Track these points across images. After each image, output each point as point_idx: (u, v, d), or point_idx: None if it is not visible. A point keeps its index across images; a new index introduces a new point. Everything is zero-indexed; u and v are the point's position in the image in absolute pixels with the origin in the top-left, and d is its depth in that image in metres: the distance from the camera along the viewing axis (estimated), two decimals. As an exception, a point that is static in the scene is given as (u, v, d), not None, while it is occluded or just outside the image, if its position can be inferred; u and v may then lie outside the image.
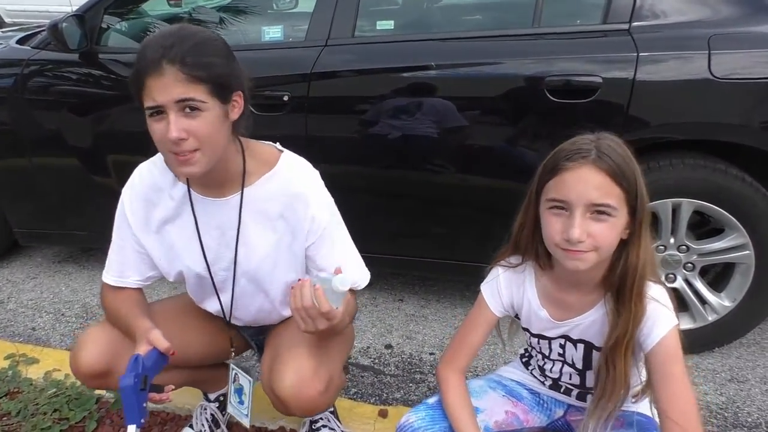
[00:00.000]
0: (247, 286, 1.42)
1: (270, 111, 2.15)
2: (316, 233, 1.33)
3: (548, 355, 1.31)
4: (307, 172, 1.35)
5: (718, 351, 2.15)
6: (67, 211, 2.61)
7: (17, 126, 2.50)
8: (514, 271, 1.27)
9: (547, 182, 1.10)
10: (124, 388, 1.17)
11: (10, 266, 2.94)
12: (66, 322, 2.45)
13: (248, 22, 2.72)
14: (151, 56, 1.11)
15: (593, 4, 2.01)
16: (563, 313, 1.23)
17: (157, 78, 1.11)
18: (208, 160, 1.19)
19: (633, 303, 1.10)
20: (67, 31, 2.25)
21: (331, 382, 1.37)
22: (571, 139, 1.11)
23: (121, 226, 1.42)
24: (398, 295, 2.60)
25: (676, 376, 1.07)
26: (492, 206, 2.09)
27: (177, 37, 1.13)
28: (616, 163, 1.04)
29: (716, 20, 1.86)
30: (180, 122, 1.13)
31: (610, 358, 1.14)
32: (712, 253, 2.00)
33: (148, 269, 1.45)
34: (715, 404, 1.90)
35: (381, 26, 2.30)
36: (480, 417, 1.31)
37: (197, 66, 1.12)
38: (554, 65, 1.92)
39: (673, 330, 1.09)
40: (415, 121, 2.06)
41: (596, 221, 1.05)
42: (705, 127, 1.88)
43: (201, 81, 1.13)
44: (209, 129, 1.16)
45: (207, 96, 1.14)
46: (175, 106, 1.12)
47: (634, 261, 1.10)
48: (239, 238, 1.35)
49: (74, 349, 1.40)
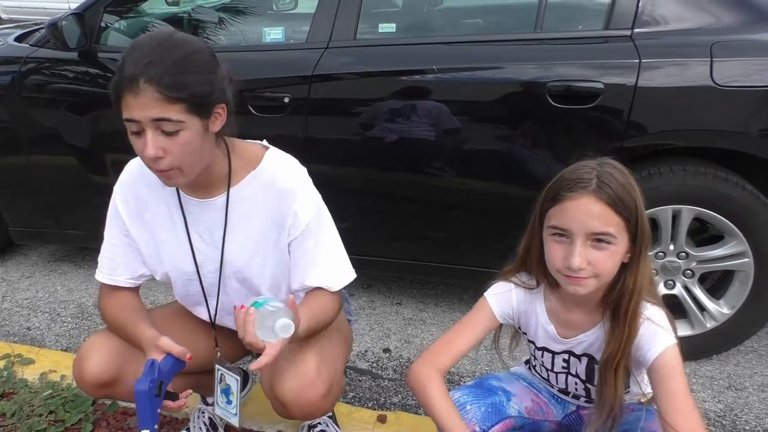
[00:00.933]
0: (238, 286, 1.41)
1: (271, 112, 2.14)
2: (298, 228, 1.32)
3: (551, 369, 1.33)
4: (292, 168, 1.34)
5: (716, 358, 2.15)
6: (63, 209, 2.60)
7: (14, 124, 2.48)
8: (528, 291, 1.29)
9: (549, 209, 1.13)
10: (139, 393, 1.16)
11: (5, 265, 2.91)
12: (61, 322, 2.44)
13: (247, 22, 2.71)
14: (130, 72, 1.09)
15: (596, 10, 2.02)
16: (568, 332, 1.25)
17: (133, 96, 1.10)
18: (188, 174, 1.20)
19: (627, 323, 1.13)
20: (66, 30, 2.24)
21: (332, 384, 1.36)
22: (573, 166, 1.13)
23: (112, 223, 1.42)
24: (396, 299, 2.59)
25: (678, 393, 1.08)
26: (492, 211, 2.09)
27: (156, 53, 1.10)
28: (616, 193, 1.06)
29: (718, 28, 1.87)
30: (157, 140, 1.13)
31: (604, 373, 1.18)
32: (712, 261, 2.00)
33: (140, 266, 1.44)
34: (713, 412, 1.90)
35: (383, 29, 2.29)
36: (513, 400, 1.34)
37: (174, 87, 1.10)
38: (556, 71, 1.92)
39: (670, 348, 1.11)
40: (416, 124, 2.05)
41: (596, 249, 1.08)
42: (706, 135, 1.88)
43: (178, 101, 1.11)
44: (186, 148, 1.15)
45: (184, 115, 1.12)
46: (151, 124, 1.11)
47: (631, 285, 1.13)
48: (226, 237, 1.35)
49: (78, 360, 1.38)
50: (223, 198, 1.32)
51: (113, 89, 1.13)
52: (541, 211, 1.16)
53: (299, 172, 1.35)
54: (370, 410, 1.88)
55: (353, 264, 1.43)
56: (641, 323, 1.13)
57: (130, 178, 1.39)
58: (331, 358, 1.39)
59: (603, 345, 1.19)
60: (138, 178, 1.38)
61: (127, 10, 2.69)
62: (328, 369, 1.35)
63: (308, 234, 1.33)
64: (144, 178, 1.37)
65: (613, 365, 1.15)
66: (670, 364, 1.10)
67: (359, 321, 2.40)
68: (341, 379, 1.45)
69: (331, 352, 1.40)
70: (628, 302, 1.13)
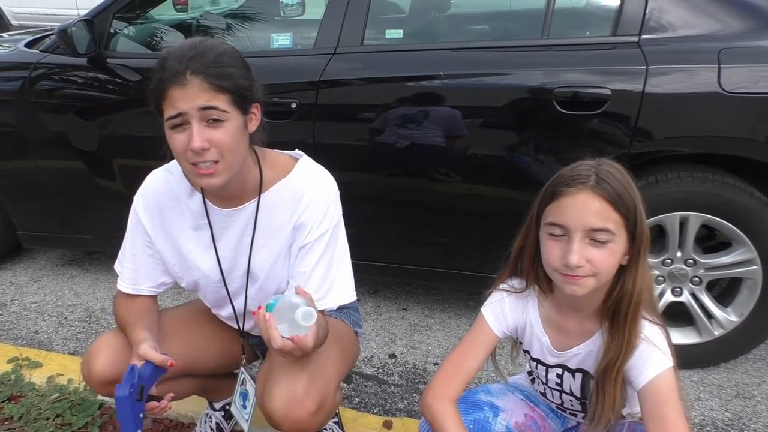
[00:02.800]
0: (261, 291, 1.41)
1: (278, 118, 2.15)
2: (311, 236, 1.31)
3: (546, 383, 1.30)
4: (321, 179, 1.35)
5: (724, 366, 2.13)
6: (71, 214, 2.61)
7: (24, 129, 2.50)
8: (518, 296, 1.27)
9: (546, 207, 1.11)
10: (120, 399, 1.16)
11: (14, 268, 2.93)
12: (69, 326, 2.45)
13: (255, 28, 2.72)
14: (174, 68, 1.12)
15: (603, 16, 2.02)
16: (564, 340, 1.22)
17: (180, 88, 1.12)
18: (228, 171, 1.20)
19: (627, 329, 1.10)
20: (76, 36, 2.25)
21: (323, 402, 1.31)
22: (571, 165, 1.12)
23: (134, 233, 1.42)
24: (402, 304, 2.59)
25: (669, 419, 1.04)
26: (498, 217, 2.09)
27: (198, 50, 1.15)
28: (615, 189, 1.04)
29: (726, 34, 1.86)
30: (203, 132, 1.14)
31: (601, 383, 1.14)
32: (719, 268, 1.99)
33: (161, 275, 1.45)
34: (720, 420, 1.88)
35: (390, 35, 2.30)
36: (501, 416, 1.29)
37: (220, 76, 1.14)
38: (563, 77, 1.92)
39: (666, 372, 1.07)
40: (423, 130, 2.06)
41: (595, 246, 1.05)
42: (714, 141, 1.87)
43: (224, 91, 1.15)
44: (231, 139, 1.17)
45: (229, 106, 1.16)
46: (198, 114, 1.13)
47: (630, 287, 1.10)
48: (253, 244, 1.35)
49: (86, 357, 1.40)
50: (251, 206, 1.33)
51: (155, 89, 1.16)
52: (538, 210, 1.14)
53: (330, 183, 1.35)
54: (375, 416, 1.88)
55: (360, 269, 1.41)
56: (640, 341, 1.10)
57: (153, 188, 1.39)
58: (324, 374, 1.34)
59: (599, 357, 1.15)
60: (161, 189, 1.38)
61: (136, 17, 2.71)
62: (319, 386, 1.29)
63: (318, 244, 1.32)
64: (168, 188, 1.38)
65: (613, 373, 1.11)
66: (664, 390, 1.06)
67: (365, 326, 2.40)
68: (335, 396, 1.40)
69: (325, 367, 1.35)
70: (627, 305, 1.10)
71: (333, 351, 1.42)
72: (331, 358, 1.40)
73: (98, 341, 1.41)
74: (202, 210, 1.35)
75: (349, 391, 2.03)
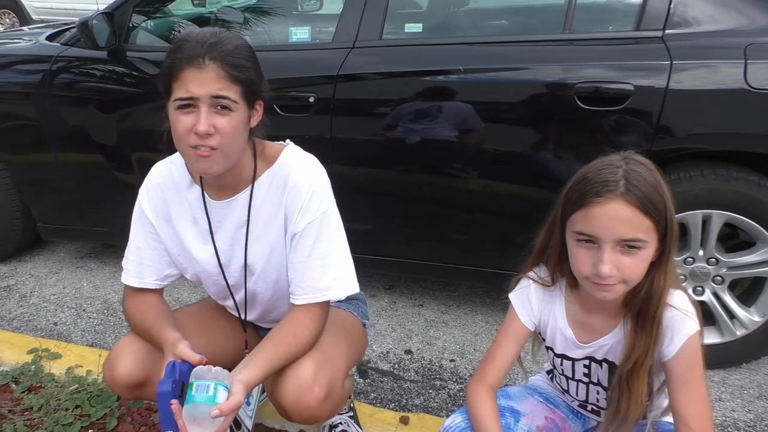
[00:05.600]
0: (259, 281, 1.41)
1: (296, 112, 2.15)
2: (299, 225, 1.30)
3: (572, 377, 1.28)
4: (307, 165, 1.33)
5: (746, 367, 2.10)
6: (90, 207, 2.63)
7: (44, 122, 2.52)
8: (546, 288, 1.25)
9: (573, 213, 1.07)
10: (162, 394, 1.17)
11: (34, 260, 2.96)
12: (87, 317, 2.47)
13: (272, 23, 2.72)
14: (193, 50, 1.14)
15: (626, 11, 1.99)
16: (588, 336, 1.21)
17: (196, 71, 1.13)
18: (225, 160, 1.21)
19: (655, 327, 1.09)
20: (96, 28, 2.27)
21: (332, 390, 1.32)
22: (597, 165, 1.08)
23: (138, 225, 1.43)
24: (418, 300, 2.58)
25: (694, 383, 1.07)
26: (516, 214, 2.07)
27: (218, 37, 1.17)
28: (646, 195, 1.01)
29: (753, 29, 1.82)
30: (210, 117, 1.16)
31: (627, 381, 1.12)
32: (742, 267, 1.96)
33: (166, 266, 1.45)
34: (742, 421, 1.85)
35: (409, 29, 2.28)
36: (523, 421, 1.27)
37: (237, 66, 1.16)
38: (584, 72, 1.89)
39: (694, 337, 1.08)
40: (441, 125, 2.04)
41: (625, 254, 1.04)
42: (740, 138, 1.84)
43: (238, 81, 1.16)
44: (234, 129, 1.19)
45: (239, 97, 1.18)
46: (209, 101, 1.15)
47: (660, 285, 1.08)
48: (249, 235, 1.35)
49: (109, 361, 1.40)
50: (244, 196, 1.33)
51: (167, 70, 1.16)
52: (563, 212, 1.11)
53: (315, 170, 1.33)
54: (392, 411, 1.88)
55: (376, 264, 1.41)
56: (667, 312, 1.09)
57: (157, 179, 1.40)
58: (332, 363, 1.35)
59: (624, 349, 1.14)
60: (164, 180, 1.39)
61: (155, 10, 2.72)
62: (326, 374, 1.31)
63: (307, 234, 1.30)
64: (171, 180, 1.39)
65: (640, 371, 1.10)
66: (692, 354, 1.07)
67: (380, 322, 2.40)
68: (344, 384, 1.41)
69: (333, 356, 1.37)
70: (657, 304, 1.08)
71: (341, 341, 1.44)
72: (339, 347, 1.42)
73: (119, 345, 1.41)
74: (200, 202, 1.36)
75: (365, 386, 2.02)
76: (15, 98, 2.56)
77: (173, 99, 1.17)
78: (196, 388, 1.14)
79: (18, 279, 2.78)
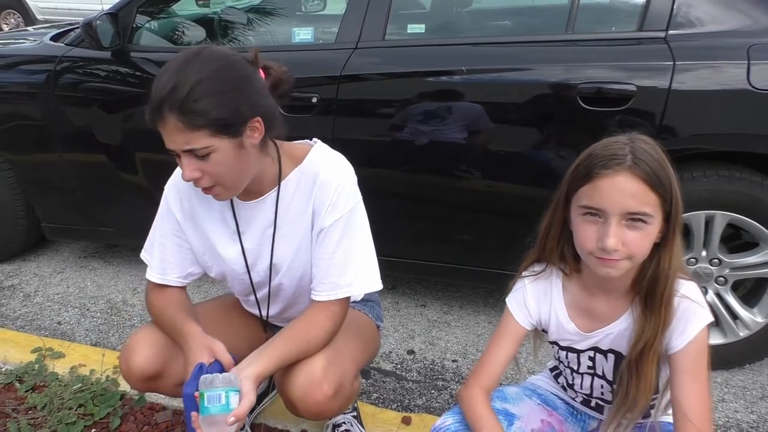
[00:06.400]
0: (284, 278, 1.41)
1: (299, 112, 2.15)
2: (326, 221, 1.30)
3: (577, 369, 1.27)
4: (336, 163, 1.33)
5: (749, 368, 2.10)
6: (94, 207, 2.64)
7: (48, 122, 2.53)
8: (539, 281, 1.24)
9: (579, 188, 1.07)
10: (188, 396, 1.17)
11: (38, 260, 2.98)
12: (91, 317, 2.48)
13: (276, 23, 2.73)
14: (155, 99, 1.13)
15: (629, 12, 1.99)
16: (592, 324, 1.20)
17: (162, 124, 1.14)
18: (231, 190, 1.23)
19: (663, 308, 1.08)
20: (100, 29, 2.28)
21: (341, 387, 1.32)
22: (604, 142, 1.08)
23: (164, 222, 1.43)
24: (421, 300, 2.58)
25: (699, 375, 1.07)
26: (519, 214, 2.07)
27: (176, 79, 1.12)
28: (653, 169, 1.01)
29: (756, 30, 1.82)
30: (191, 164, 1.16)
31: (636, 365, 1.12)
32: (745, 268, 1.96)
33: (189, 264, 1.45)
34: (745, 422, 1.85)
35: (412, 30, 2.29)
36: (517, 424, 1.27)
37: (193, 114, 1.11)
38: (587, 72, 1.89)
39: (704, 329, 1.08)
40: (444, 125, 2.04)
41: (631, 229, 1.03)
42: (742, 139, 1.84)
43: (200, 127, 1.12)
44: (222, 167, 1.17)
45: (209, 139, 1.13)
46: (183, 153, 1.15)
47: (666, 266, 1.07)
48: (276, 234, 1.36)
49: (125, 352, 1.40)
50: (272, 196, 1.33)
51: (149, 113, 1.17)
52: (568, 190, 1.10)
53: (343, 167, 1.33)
54: (394, 411, 1.88)
55: (380, 265, 1.39)
56: (678, 303, 1.09)
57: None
58: (342, 361, 1.35)
59: (631, 337, 1.13)
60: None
61: (159, 11, 2.73)
62: (336, 371, 1.31)
63: (334, 231, 1.31)
64: None
65: (650, 355, 1.09)
66: (701, 347, 1.07)
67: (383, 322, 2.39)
68: (353, 382, 1.41)
69: (344, 354, 1.37)
70: (664, 285, 1.07)
71: (353, 340, 1.45)
72: (351, 346, 1.42)
73: (135, 336, 1.41)
74: (227, 203, 1.37)
75: (367, 386, 2.03)
76: (19, 98, 2.57)
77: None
78: (208, 399, 1.14)
79: (22, 278, 2.80)
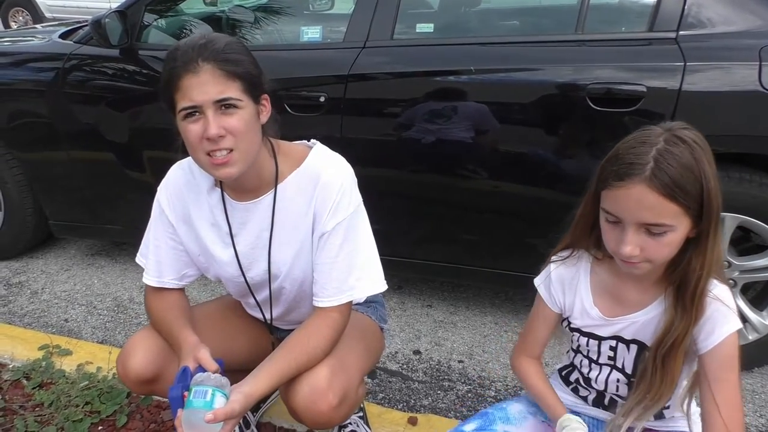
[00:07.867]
0: (285, 281, 1.40)
1: (306, 111, 2.15)
2: (328, 225, 1.29)
3: (596, 359, 1.24)
4: (336, 165, 1.32)
5: (758, 371, 2.08)
6: (101, 204, 2.65)
7: (56, 119, 2.54)
8: (567, 266, 1.23)
9: (602, 190, 1.06)
10: (173, 399, 1.18)
11: (45, 257, 2.99)
12: (98, 314, 2.48)
13: (283, 22, 2.73)
14: (185, 56, 1.13)
15: (639, 12, 1.97)
16: (617, 309, 1.17)
17: (193, 77, 1.13)
18: (243, 161, 1.19)
19: (695, 307, 1.06)
20: (109, 27, 2.28)
21: (346, 396, 1.30)
22: (633, 139, 1.03)
23: (158, 225, 1.42)
24: (427, 301, 2.58)
25: (730, 382, 1.05)
26: (527, 215, 2.06)
27: (208, 38, 1.16)
28: (673, 179, 0.96)
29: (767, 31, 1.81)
30: (218, 119, 1.15)
31: (662, 358, 1.10)
32: (755, 270, 1.94)
33: (184, 266, 1.44)
34: (754, 426, 1.84)
35: (420, 29, 2.28)
36: None
37: (232, 62, 1.15)
38: (597, 73, 1.88)
39: (734, 335, 1.06)
40: (452, 125, 2.04)
41: (650, 236, 1.01)
42: (753, 141, 1.82)
43: (236, 77, 1.15)
44: (245, 126, 1.17)
45: (242, 94, 1.17)
46: (213, 105, 1.14)
47: (696, 267, 1.04)
48: (273, 238, 1.34)
49: (122, 355, 1.39)
50: (269, 198, 1.31)
51: (166, 83, 1.16)
52: (596, 187, 1.09)
53: (344, 169, 1.32)
54: (400, 412, 1.87)
55: (386, 265, 1.37)
56: (708, 303, 1.06)
57: (175, 180, 1.39)
58: (346, 369, 1.33)
59: (659, 328, 1.11)
60: (183, 181, 1.38)
61: (167, 9, 2.73)
62: (341, 380, 1.29)
63: (336, 234, 1.29)
64: (190, 181, 1.37)
65: (677, 349, 1.08)
66: (730, 352, 1.06)
67: (389, 322, 2.39)
68: (357, 390, 1.39)
69: (348, 362, 1.35)
70: (695, 285, 1.04)
71: (357, 346, 1.42)
72: (355, 352, 1.40)
73: (133, 340, 1.41)
74: (220, 205, 1.35)
75: (373, 386, 2.02)
76: (28, 96, 2.57)
77: (179, 110, 1.16)
78: (195, 394, 1.15)
79: (30, 275, 2.81)
